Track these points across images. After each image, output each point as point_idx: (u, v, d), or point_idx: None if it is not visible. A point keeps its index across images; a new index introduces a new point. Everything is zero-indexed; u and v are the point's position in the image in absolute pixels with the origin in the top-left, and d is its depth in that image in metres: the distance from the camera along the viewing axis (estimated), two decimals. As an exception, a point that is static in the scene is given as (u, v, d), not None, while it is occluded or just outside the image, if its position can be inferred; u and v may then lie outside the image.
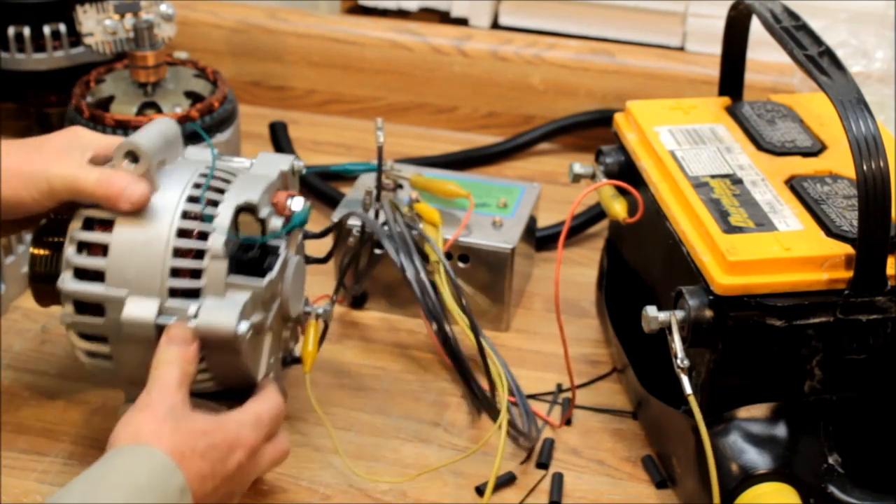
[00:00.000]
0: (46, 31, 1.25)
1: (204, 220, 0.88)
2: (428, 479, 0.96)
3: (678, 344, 0.85)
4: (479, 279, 1.09)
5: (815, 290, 0.84)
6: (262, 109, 1.47)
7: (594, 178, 1.04)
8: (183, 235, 0.87)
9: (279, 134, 1.41)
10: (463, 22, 1.53)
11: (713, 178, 0.94)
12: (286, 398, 1.01)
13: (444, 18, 1.55)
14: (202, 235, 0.87)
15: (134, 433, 0.81)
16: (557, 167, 1.37)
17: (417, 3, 1.55)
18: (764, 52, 1.23)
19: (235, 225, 0.88)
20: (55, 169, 0.88)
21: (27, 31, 1.24)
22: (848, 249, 0.85)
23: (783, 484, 0.86)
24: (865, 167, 0.80)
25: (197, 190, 0.89)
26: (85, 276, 0.88)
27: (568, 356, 0.98)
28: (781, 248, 0.85)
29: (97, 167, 0.89)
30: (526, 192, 1.16)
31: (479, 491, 0.95)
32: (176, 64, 1.24)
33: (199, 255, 0.87)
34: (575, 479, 0.97)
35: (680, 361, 0.84)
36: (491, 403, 1.00)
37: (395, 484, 0.95)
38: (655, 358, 0.93)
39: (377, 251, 1.10)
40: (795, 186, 0.93)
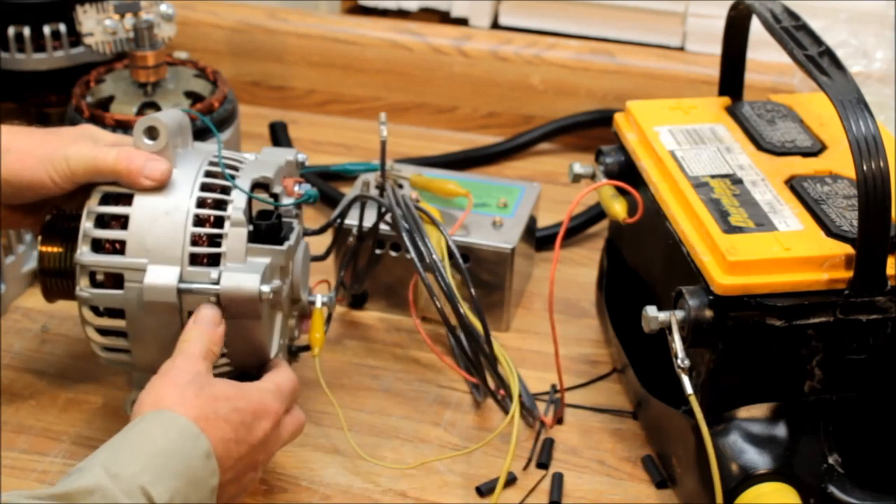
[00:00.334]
0: (46, 31, 1.24)
1: (223, 191, 0.90)
2: (428, 478, 0.96)
3: (678, 344, 0.85)
4: (479, 279, 1.09)
5: (815, 290, 0.84)
6: (262, 109, 1.47)
7: (594, 178, 1.04)
8: (202, 205, 0.90)
9: (279, 134, 1.41)
10: (463, 22, 1.53)
11: (713, 178, 0.94)
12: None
13: (444, 18, 1.55)
14: (221, 205, 0.90)
15: (157, 399, 0.82)
16: (557, 167, 1.37)
17: (417, 3, 1.55)
18: (764, 52, 1.23)
19: (250, 202, 0.91)
20: (73, 149, 0.90)
21: (27, 31, 1.24)
22: (848, 249, 0.85)
23: (783, 484, 0.86)
24: (865, 167, 0.80)
25: (213, 167, 0.92)
26: (102, 250, 0.89)
27: (558, 356, 0.98)
28: (781, 248, 0.85)
29: (115, 147, 0.90)
30: (526, 192, 1.16)
31: (479, 491, 0.95)
32: (176, 64, 1.23)
33: (218, 223, 0.89)
34: (575, 479, 0.97)
35: (680, 361, 0.84)
36: (495, 393, 1.00)
37: (396, 470, 0.96)
38: (655, 358, 0.93)
39: (377, 251, 1.10)
40: (795, 186, 0.93)
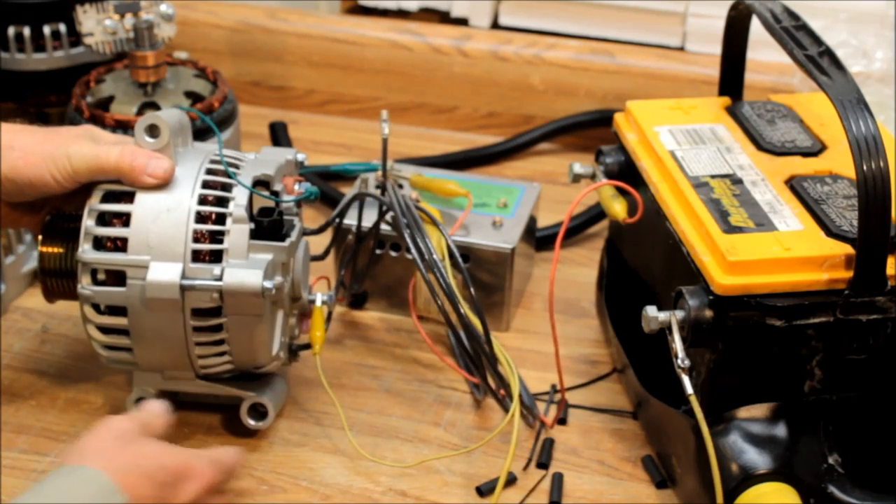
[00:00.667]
0: (46, 31, 1.24)
1: (224, 188, 0.91)
2: (428, 478, 0.96)
3: (678, 344, 0.85)
4: (479, 279, 1.09)
5: (815, 290, 0.84)
6: (262, 109, 1.47)
7: (594, 178, 1.04)
8: (204, 202, 0.90)
9: (279, 134, 1.41)
10: (463, 22, 1.53)
11: (713, 178, 0.94)
12: (288, 391, 1.02)
13: (444, 18, 1.55)
14: (223, 202, 0.90)
15: (80, 451, 0.78)
16: (557, 167, 1.37)
17: (417, 3, 1.55)
18: (764, 52, 1.23)
19: (251, 199, 0.91)
20: (76, 148, 0.90)
21: (27, 31, 1.24)
22: (848, 249, 0.85)
23: (783, 484, 0.86)
24: (865, 167, 0.80)
25: (214, 165, 0.92)
26: (104, 248, 0.90)
27: (559, 356, 0.97)
28: (781, 248, 0.85)
29: (117, 145, 0.90)
30: (526, 192, 1.16)
31: (479, 491, 0.95)
32: (176, 64, 1.23)
33: (220, 220, 0.90)
34: (575, 479, 0.97)
35: (681, 361, 0.84)
36: (496, 392, 1.00)
37: (396, 470, 0.96)
38: (655, 358, 0.93)
39: (378, 251, 1.10)
40: (795, 186, 0.93)
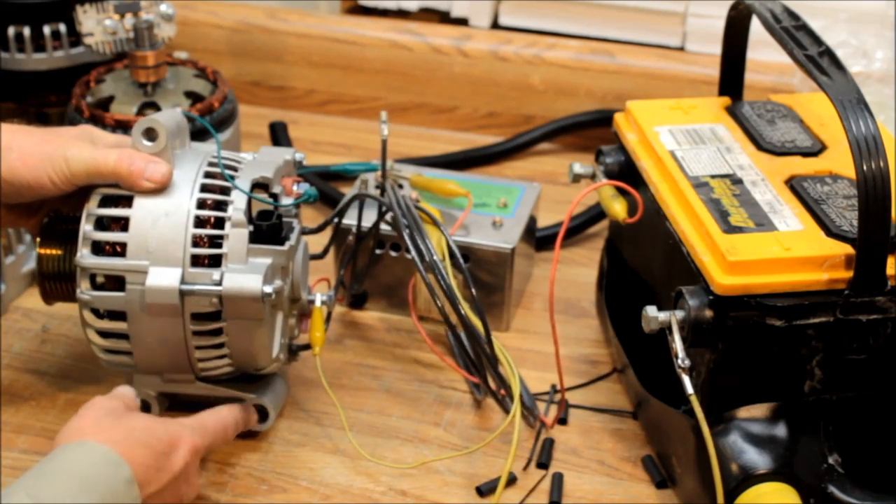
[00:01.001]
0: (46, 31, 1.24)
1: (222, 192, 0.90)
2: (428, 478, 0.96)
3: (679, 344, 0.85)
4: (479, 279, 1.09)
5: (815, 290, 0.84)
6: (262, 109, 1.47)
7: (594, 178, 1.04)
8: (203, 206, 0.90)
9: (279, 134, 1.41)
10: (463, 22, 1.53)
11: (713, 178, 0.94)
12: (288, 391, 1.02)
13: (444, 18, 1.55)
14: (221, 206, 0.90)
15: (76, 431, 0.82)
16: (557, 167, 1.37)
17: (417, 3, 1.55)
18: (764, 52, 1.23)
19: (249, 202, 0.91)
20: (73, 151, 0.89)
21: (27, 31, 1.24)
22: (848, 249, 0.85)
23: (783, 484, 0.86)
24: (865, 167, 0.80)
25: (212, 168, 0.92)
26: (103, 252, 0.90)
27: (559, 356, 0.97)
28: (781, 248, 0.85)
29: (116, 149, 0.90)
30: (526, 192, 1.16)
31: (479, 491, 0.95)
32: (176, 64, 1.23)
33: (219, 224, 0.90)
34: (575, 479, 0.97)
35: (681, 361, 0.84)
36: (497, 393, 1.00)
37: (396, 470, 0.96)
38: (655, 358, 0.93)
39: (377, 251, 1.10)
40: (795, 186, 0.93)
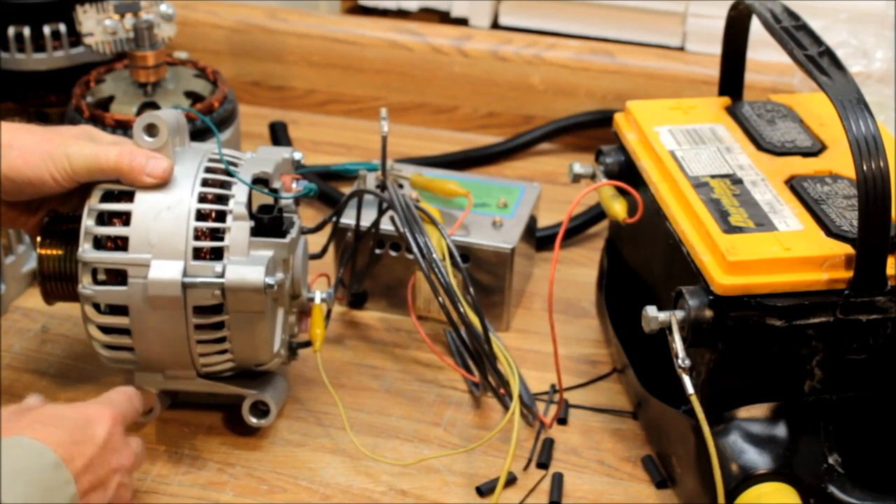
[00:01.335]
0: (46, 31, 1.24)
1: (223, 186, 0.91)
2: (428, 478, 0.96)
3: (679, 344, 0.85)
4: (479, 279, 1.09)
5: (815, 290, 0.84)
6: (262, 109, 1.47)
7: (594, 178, 1.04)
8: (204, 200, 0.90)
9: (279, 134, 1.41)
10: (463, 22, 1.53)
11: (713, 178, 0.94)
12: (289, 389, 1.02)
13: (444, 18, 1.55)
14: (223, 200, 0.90)
15: None
16: (557, 167, 1.37)
17: (417, 3, 1.55)
18: (764, 52, 1.23)
19: (250, 197, 0.91)
20: (75, 148, 0.90)
21: (27, 31, 1.24)
22: (848, 249, 0.85)
23: (783, 484, 0.86)
24: (865, 167, 0.80)
25: (212, 163, 0.92)
26: (104, 247, 0.90)
27: (558, 356, 0.98)
28: (781, 248, 0.85)
29: (116, 145, 0.90)
30: (526, 192, 1.16)
31: (479, 491, 0.95)
32: (176, 64, 1.23)
33: (221, 218, 0.90)
34: (575, 479, 0.97)
35: (681, 361, 0.84)
36: (496, 390, 1.00)
37: (396, 469, 0.96)
38: (655, 358, 0.93)
39: (377, 251, 1.10)
40: (795, 186, 0.93)
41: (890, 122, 1.26)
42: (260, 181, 0.92)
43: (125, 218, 0.90)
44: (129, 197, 0.90)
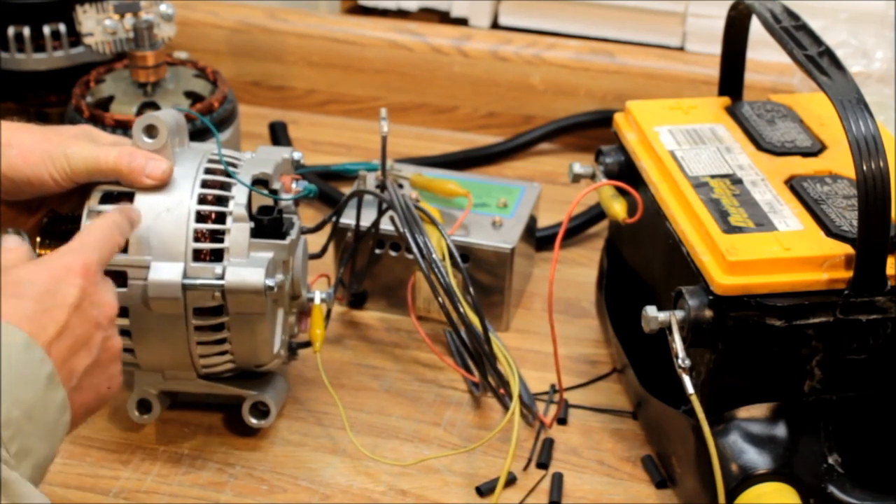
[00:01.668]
0: (46, 31, 1.25)
1: (223, 187, 0.91)
2: (428, 478, 0.96)
3: (679, 344, 0.85)
4: (478, 279, 1.09)
5: (815, 290, 0.84)
6: (262, 109, 1.47)
7: (594, 178, 1.04)
8: (204, 201, 0.90)
9: (279, 134, 1.41)
10: (463, 22, 1.53)
11: (713, 178, 0.94)
12: (289, 389, 1.02)
13: (444, 18, 1.55)
14: (222, 201, 0.90)
15: None
16: (557, 167, 1.37)
17: (417, 3, 1.55)
18: (764, 52, 1.23)
19: (250, 198, 0.91)
20: (74, 149, 0.89)
21: (27, 31, 1.24)
22: (848, 249, 0.85)
23: (783, 484, 0.86)
24: (865, 167, 0.80)
25: (212, 164, 0.92)
26: None
27: (557, 356, 0.98)
28: (781, 248, 0.85)
29: (116, 146, 0.90)
30: (526, 192, 1.16)
31: (479, 491, 0.95)
32: (176, 64, 1.24)
33: (220, 219, 0.90)
34: (575, 479, 0.97)
35: (681, 361, 0.84)
36: (497, 390, 1.00)
37: (396, 469, 0.96)
38: (655, 358, 0.93)
39: (377, 251, 1.10)
40: (795, 186, 0.93)
41: (890, 122, 1.26)
42: (259, 182, 0.92)
43: None
44: (128, 198, 0.90)
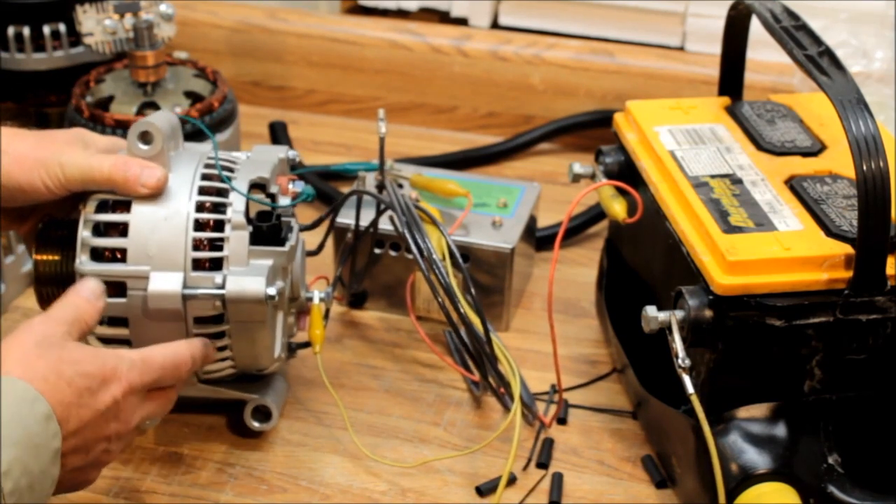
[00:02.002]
0: (46, 31, 1.25)
1: (220, 194, 0.90)
2: (428, 478, 0.96)
3: (679, 344, 0.85)
4: (478, 279, 1.09)
5: (814, 290, 0.84)
6: (262, 109, 1.47)
7: (594, 178, 1.04)
8: (202, 209, 0.89)
9: (279, 134, 1.41)
10: (463, 22, 1.53)
11: (713, 178, 0.94)
12: (289, 389, 1.02)
13: (444, 18, 1.55)
14: (220, 208, 0.89)
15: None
16: (557, 167, 1.37)
17: (417, 3, 1.55)
18: (764, 52, 1.23)
19: (248, 203, 0.91)
20: (68, 156, 0.88)
21: (27, 31, 1.24)
22: (848, 249, 0.85)
23: (783, 484, 0.86)
24: (865, 167, 0.80)
25: (209, 169, 0.91)
26: (102, 258, 0.89)
27: (557, 356, 0.98)
28: (781, 248, 0.85)
29: (110, 155, 0.89)
30: (526, 192, 1.16)
31: (479, 491, 0.95)
32: (176, 64, 1.24)
33: (219, 227, 0.89)
34: (575, 479, 0.97)
35: (681, 361, 0.84)
36: (497, 390, 1.00)
37: (396, 470, 0.96)
38: (655, 358, 0.93)
39: (377, 251, 1.10)
40: (795, 186, 0.93)
41: (890, 122, 1.26)
42: (257, 186, 0.91)
43: (122, 228, 0.88)
44: (124, 207, 0.89)
